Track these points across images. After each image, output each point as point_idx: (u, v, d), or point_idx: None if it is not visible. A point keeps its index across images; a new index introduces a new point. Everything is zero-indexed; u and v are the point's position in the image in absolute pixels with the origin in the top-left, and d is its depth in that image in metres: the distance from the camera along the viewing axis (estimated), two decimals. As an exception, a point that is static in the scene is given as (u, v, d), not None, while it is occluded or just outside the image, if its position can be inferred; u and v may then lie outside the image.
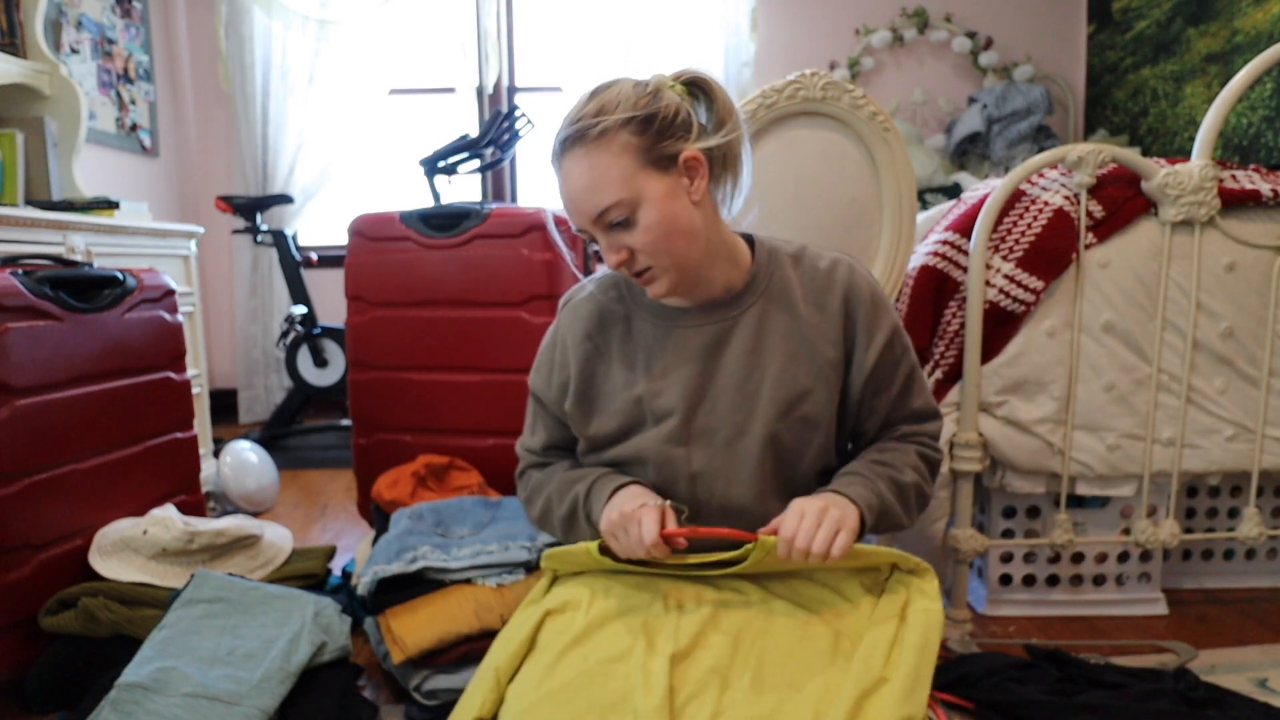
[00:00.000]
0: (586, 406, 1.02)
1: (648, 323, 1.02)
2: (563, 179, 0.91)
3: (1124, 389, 1.53)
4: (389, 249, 1.85)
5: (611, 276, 1.07)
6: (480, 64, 3.67)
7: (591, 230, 0.92)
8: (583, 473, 1.03)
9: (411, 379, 1.85)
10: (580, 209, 0.91)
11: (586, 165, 0.89)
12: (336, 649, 1.25)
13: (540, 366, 1.07)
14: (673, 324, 1.00)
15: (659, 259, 0.92)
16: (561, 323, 1.06)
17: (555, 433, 1.08)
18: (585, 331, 1.03)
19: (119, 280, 1.60)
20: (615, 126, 0.88)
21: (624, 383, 1.01)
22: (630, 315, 1.03)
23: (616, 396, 1.01)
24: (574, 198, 0.91)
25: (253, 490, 2.36)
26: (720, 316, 0.99)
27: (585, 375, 1.02)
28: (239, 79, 3.58)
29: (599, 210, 0.89)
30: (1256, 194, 1.50)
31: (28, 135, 2.34)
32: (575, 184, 0.90)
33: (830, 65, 3.72)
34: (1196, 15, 2.93)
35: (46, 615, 1.32)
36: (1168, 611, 1.63)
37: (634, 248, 0.91)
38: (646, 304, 1.02)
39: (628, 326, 1.02)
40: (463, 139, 2.21)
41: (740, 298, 1.00)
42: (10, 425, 1.31)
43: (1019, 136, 3.39)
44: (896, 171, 1.50)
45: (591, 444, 1.04)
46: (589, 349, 1.02)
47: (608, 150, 0.88)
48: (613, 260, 0.92)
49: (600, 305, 1.04)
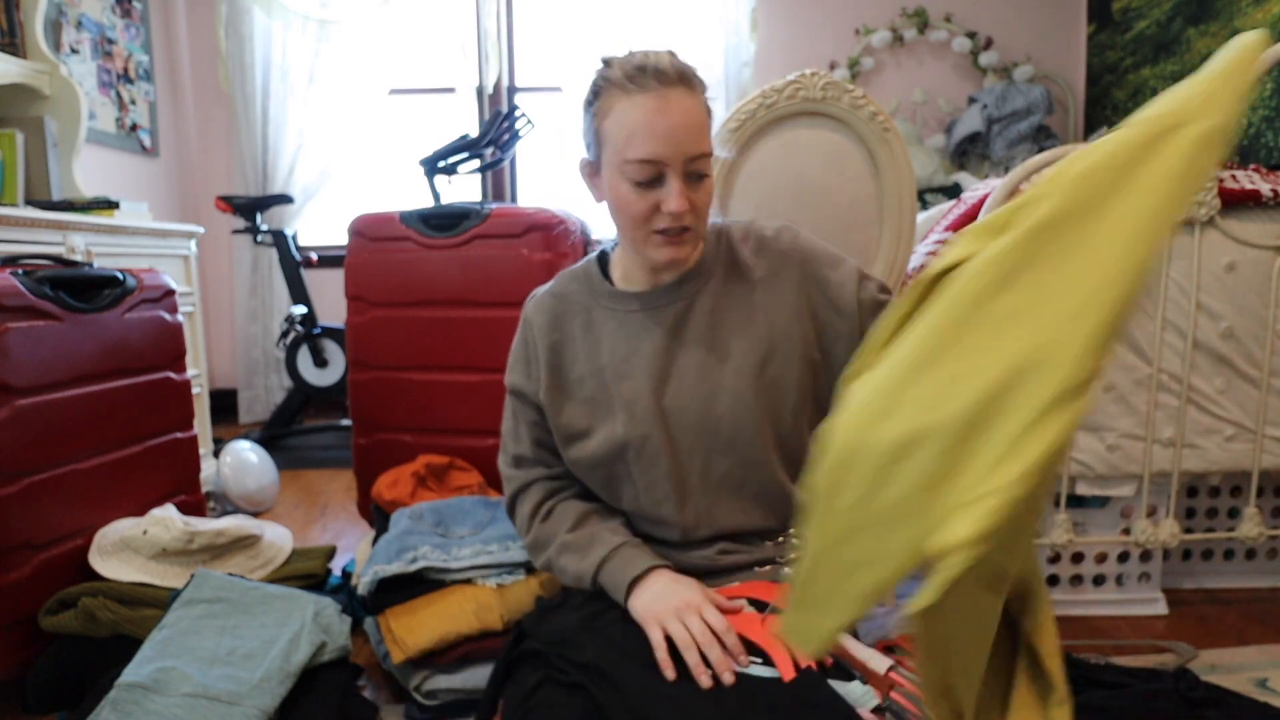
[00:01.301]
0: (557, 395, 1.03)
1: (608, 311, 1.03)
2: (663, 106, 0.89)
3: (1124, 389, 1.53)
4: (389, 249, 1.85)
5: (572, 271, 1.09)
6: (480, 64, 3.67)
7: (674, 166, 0.90)
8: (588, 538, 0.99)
9: (411, 379, 1.85)
10: (682, 141, 0.89)
11: (696, 107, 0.91)
12: (336, 649, 1.25)
13: (515, 364, 1.09)
14: (632, 309, 1.02)
15: (701, 222, 0.95)
16: (527, 317, 1.08)
17: (539, 431, 1.07)
18: (550, 323, 1.05)
19: (119, 280, 1.60)
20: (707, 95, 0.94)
21: (590, 370, 1.02)
22: (591, 306, 1.04)
23: (585, 384, 1.02)
24: (679, 126, 0.89)
25: (253, 490, 2.36)
26: (677, 296, 1.01)
27: (553, 365, 1.04)
28: (239, 79, 3.58)
29: (699, 152, 0.91)
30: (1256, 194, 1.50)
31: (28, 135, 2.34)
32: (683, 118, 0.89)
33: (830, 65, 3.72)
34: (1196, 15, 2.93)
35: (46, 615, 1.32)
36: (1168, 611, 1.63)
37: (697, 203, 0.92)
38: (605, 293, 1.04)
39: (589, 317, 1.04)
40: (463, 139, 2.21)
41: (694, 276, 1.01)
42: (10, 425, 1.31)
43: (1019, 136, 3.39)
44: (896, 171, 1.50)
45: (566, 436, 1.04)
46: (555, 339, 1.04)
47: (705, 108, 0.93)
48: (679, 205, 0.90)
49: (562, 297, 1.06)
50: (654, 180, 0.91)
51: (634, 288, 1.02)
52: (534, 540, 1.06)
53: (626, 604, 0.91)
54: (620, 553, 0.96)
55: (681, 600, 0.87)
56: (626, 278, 1.04)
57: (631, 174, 0.91)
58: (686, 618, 0.84)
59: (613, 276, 1.05)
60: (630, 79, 0.90)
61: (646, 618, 0.87)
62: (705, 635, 0.83)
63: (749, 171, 1.43)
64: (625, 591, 0.92)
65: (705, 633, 0.83)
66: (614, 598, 0.94)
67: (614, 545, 0.97)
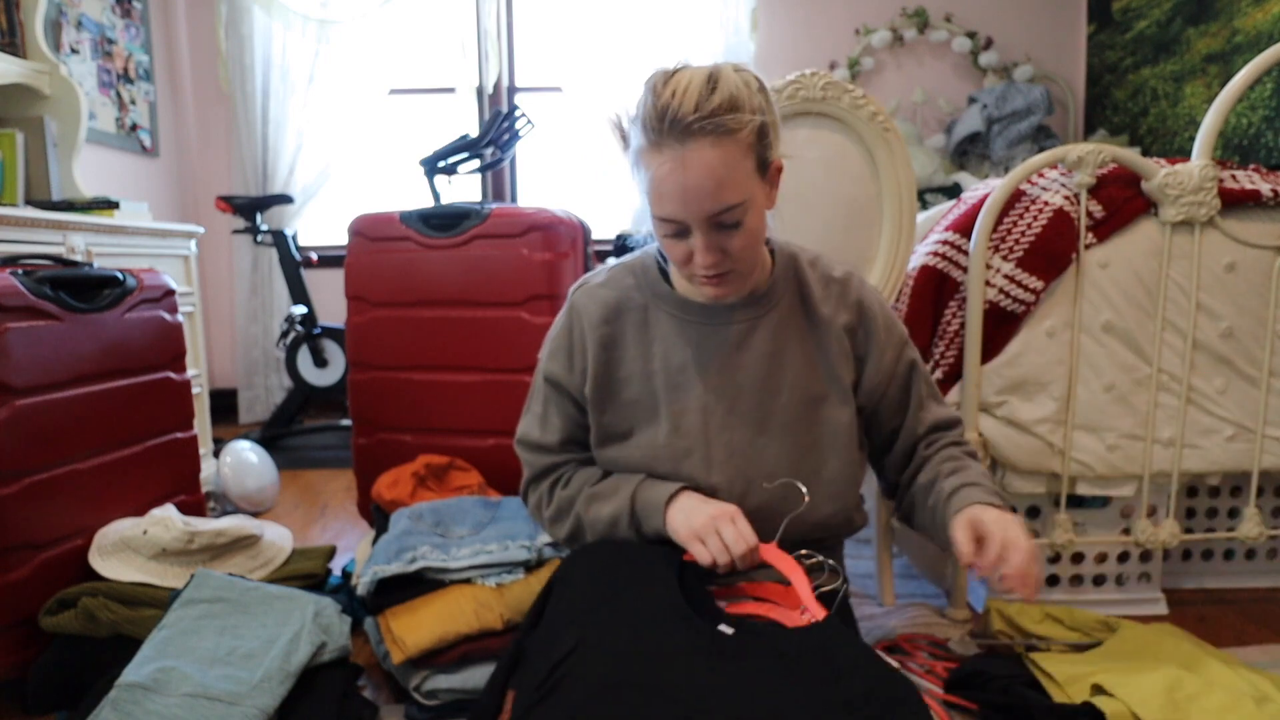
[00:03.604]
0: (603, 394, 1.01)
1: (666, 315, 1.00)
2: (678, 167, 0.84)
3: (1124, 389, 1.53)
4: (389, 249, 1.85)
5: (627, 265, 1.05)
6: (480, 64, 3.67)
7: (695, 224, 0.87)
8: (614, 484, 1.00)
9: (411, 379, 1.85)
10: (699, 202, 0.85)
11: (719, 159, 0.84)
12: (336, 649, 1.25)
13: (556, 353, 1.04)
14: (693, 320, 0.99)
15: (745, 264, 0.91)
16: (576, 306, 1.03)
17: (572, 425, 1.05)
18: (602, 316, 1.01)
19: (119, 280, 1.60)
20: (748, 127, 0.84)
21: (639, 372, 0.99)
22: (648, 305, 1.01)
23: (631, 384, 0.99)
24: (695, 188, 0.84)
25: (253, 490, 2.36)
26: (742, 317, 0.98)
27: (601, 361, 1.00)
28: (239, 79, 3.58)
29: (722, 208, 0.85)
30: (1256, 194, 1.50)
31: (28, 135, 2.34)
32: (700, 176, 0.84)
33: (830, 65, 3.72)
34: (1196, 15, 2.93)
35: (46, 615, 1.32)
36: (1168, 611, 1.63)
37: (731, 251, 0.88)
38: (665, 295, 1.01)
39: (644, 316, 1.00)
40: (463, 139, 2.22)
41: (763, 300, 0.99)
42: (10, 425, 1.31)
43: (1019, 136, 3.39)
44: (896, 171, 1.50)
45: (606, 436, 1.02)
46: (605, 334, 1.00)
47: (738, 148, 0.85)
48: (707, 260, 0.87)
49: (617, 292, 1.02)
50: (681, 234, 0.89)
51: (696, 298, 0.99)
52: (556, 509, 1.04)
53: (665, 522, 0.94)
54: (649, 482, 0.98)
55: (717, 508, 0.91)
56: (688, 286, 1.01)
57: (661, 229, 0.91)
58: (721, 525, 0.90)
59: (672, 278, 1.02)
60: (654, 130, 0.85)
61: (686, 535, 0.92)
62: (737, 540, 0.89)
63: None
64: (662, 510, 0.95)
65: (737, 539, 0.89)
66: (650, 525, 0.95)
67: (641, 479, 0.99)
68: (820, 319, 0.99)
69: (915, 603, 1.65)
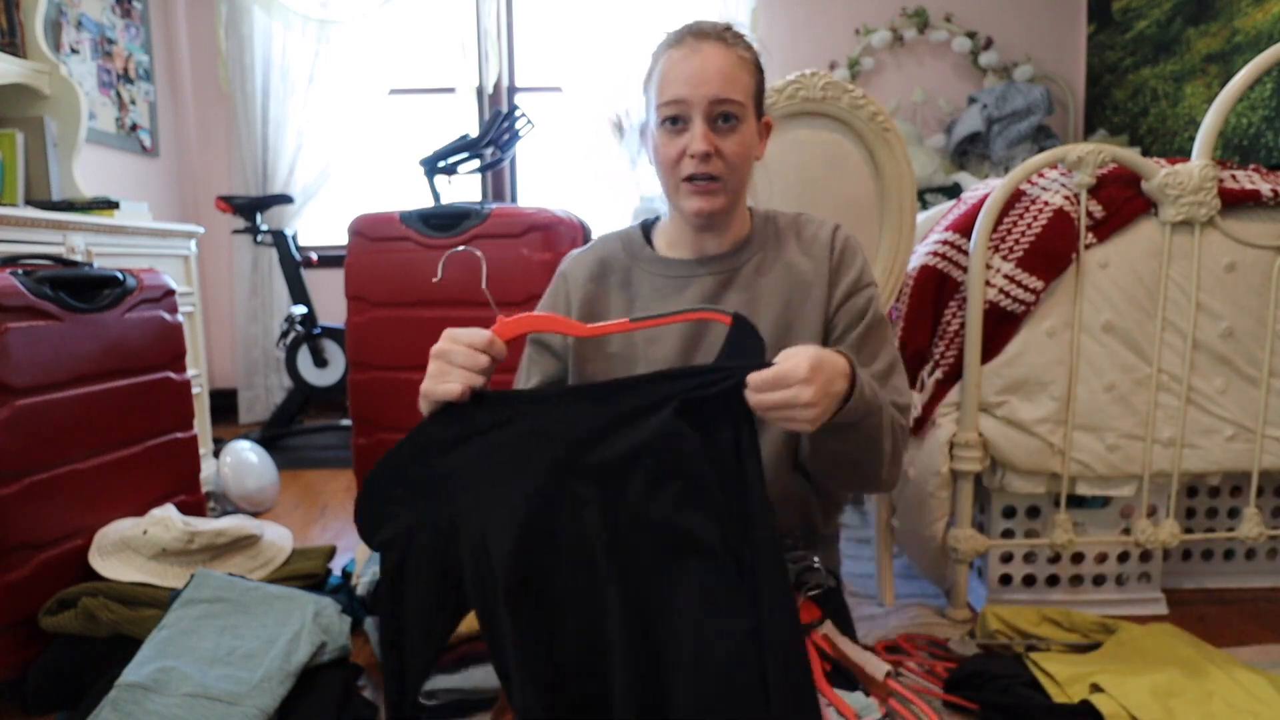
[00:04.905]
0: (586, 345, 1.04)
1: (647, 274, 1.04)
2: (693, 54, 0.93)
3: (1124, 389, 1.53)
4: (389, 249, 1.85)
5: (614, 232, 1.11)
6: (480, 64, 3.67)
7: (697, 107, 0.93)
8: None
9: (411, 379, 1.82)
10: (708, 85, 0.92)
11: (728, 58, 0.93)
12: (336, 649, 1.25)
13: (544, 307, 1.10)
14: (673, 276, 1.03)
15: (731, 174, 0.96)
16: (564, 271, 1.09)
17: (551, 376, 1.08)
18: (589, 274, 1.06)
19: (119, 280, 1.60)
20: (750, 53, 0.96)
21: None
22: (630, 267, 1.06)
23: (614, 338, 1.03)
24: (705, 72, 0.92)
25: (253, 490, 2.36)
26: (720, 268, 1.02)
27: (586, 315, 1.04)
28: (239, 79, 3.58)
29: (724, 96, 0.92)
30: (1256, 194, 1.50)
31: (28, 135, 2.34)
32: (712, 64, 0.92)
33: (830, 65, 3.71)
34: (1196, 15, 2.93)
35: (46, 615, 1.32)
36: (1168, 611, 1.63)
37: (724, 151, 0.94)
38: (647, 257, 1.05)
39: (627, 276, 1.06)
40: (463, 139, 2.22)
41: (739, 251, 1.03)
42: (10, 425, 1.31)
43: (1019, 136, 3.39)
44: (896, 171, 1.50)
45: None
46: (591, 290, 1.05)
47: (745, 66, 0.95)
48: (700, 148, 0.93)
49: (602, 254, 1.08)
50: (680, 123, 0.94)
51: (678, 255, 1.04)
52: None
53: None
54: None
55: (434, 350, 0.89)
56: (671, 246, 1.05)
57: (661, 127, 0.96)
58: (446, 356, 0.89)
59: (656, 244, 1.07)
60: (675, 34, 0.95)
61: (426, 390, 0.90)
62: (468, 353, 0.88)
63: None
64: None
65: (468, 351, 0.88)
66: None
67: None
68: (798, 262, 1.02)
69: (915, 603, 1.65)
